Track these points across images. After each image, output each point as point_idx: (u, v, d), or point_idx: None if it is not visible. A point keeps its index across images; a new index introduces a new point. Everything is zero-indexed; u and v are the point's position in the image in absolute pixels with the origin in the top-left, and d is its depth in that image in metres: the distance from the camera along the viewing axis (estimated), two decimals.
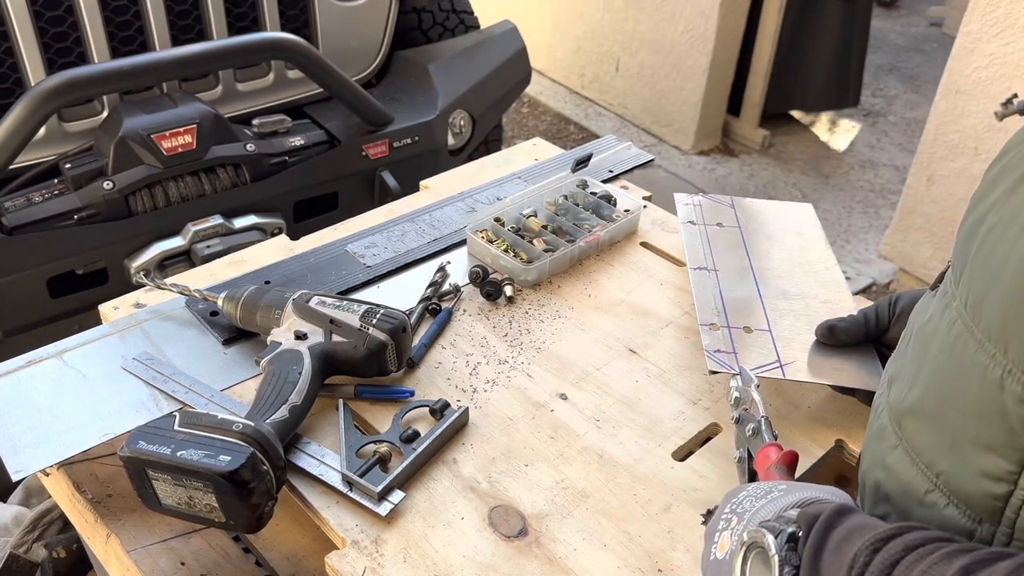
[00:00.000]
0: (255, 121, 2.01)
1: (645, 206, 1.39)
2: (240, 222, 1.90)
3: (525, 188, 1.43)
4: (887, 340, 1.04)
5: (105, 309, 1.16)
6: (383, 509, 0.89)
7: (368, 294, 1.21)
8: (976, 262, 0.61)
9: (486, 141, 2.57)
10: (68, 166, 1.79)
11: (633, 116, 3.99)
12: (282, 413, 0.92)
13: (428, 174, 1.51)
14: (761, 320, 1.10)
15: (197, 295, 1.12)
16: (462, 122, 2.32)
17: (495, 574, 0.84)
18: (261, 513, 0.85)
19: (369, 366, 1.01)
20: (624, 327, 1.17)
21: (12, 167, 1.76)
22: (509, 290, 1.20)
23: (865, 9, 3.78)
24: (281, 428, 0.91)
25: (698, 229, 1.28)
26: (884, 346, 1.05)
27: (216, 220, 1.86)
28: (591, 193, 1.39)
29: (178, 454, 0.83)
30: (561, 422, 1.02)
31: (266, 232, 1.93)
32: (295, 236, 1.32)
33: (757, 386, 0.89)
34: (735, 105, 3.82)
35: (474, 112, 2.34)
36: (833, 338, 1.05)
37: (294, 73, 2.15)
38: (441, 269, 1.23)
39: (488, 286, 1.21)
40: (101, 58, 1.90)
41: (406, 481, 0.93)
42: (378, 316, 1.01)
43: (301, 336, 1.02)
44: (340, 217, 1.39)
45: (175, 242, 1.84)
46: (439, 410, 0.99)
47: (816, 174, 3.71)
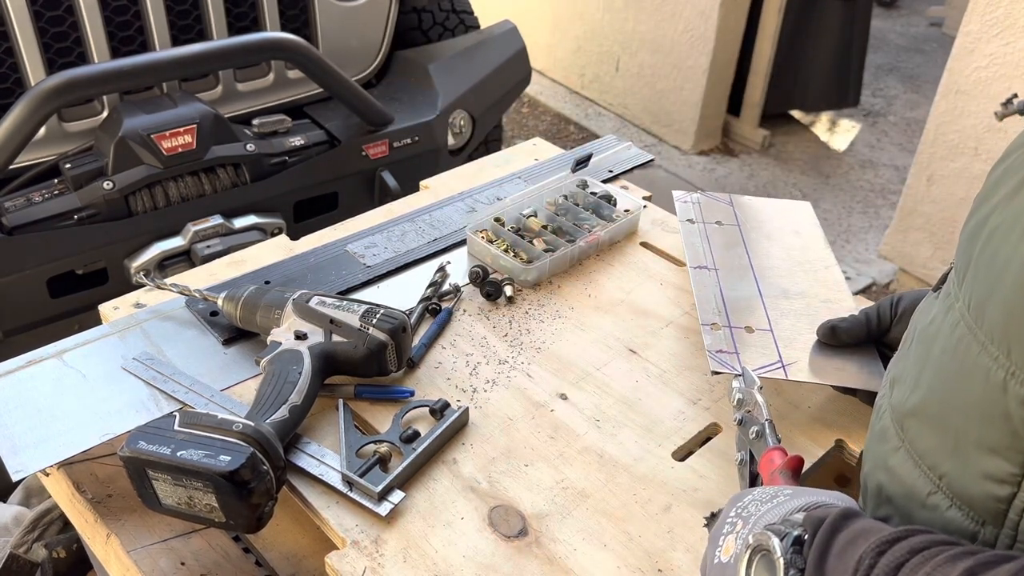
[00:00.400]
0: (255, 121, 2.01)
1: (645, 206, 1.39)
2: (240, 222, 1.90)
3: (525, 188, 1.43)
4: (888, 340, 1.04)
5: (105, 309, 1.16)
6: (383, 509, 0.89)
7: (368, 294, 1.21)
8: (979, 264, 0.60)
9: (486, 141, 2.57)
10: (68, 166, 1.79)
11: (633, 116, 3.99)
12: (282, 413, 0.92)
13: (428, 174, 1.51)
14: (762, 320, 1.10)
15: (197, 295, 1.12)
16: (462, 122, 2.32)
17: (495, 574, 0.84)
18: (261, 513, 0.85)
19: (369, 366, 1.01)
20: (624, 327, 1.17)
21: (12, 167, 1.76)
22: (509, 290, 1.20)
23: (865, 9, 3.78)
24: (281, 428, 0.91)
25: (697, 227, 1.28)
26: (885, 346, 1.05)
27: (216, 220, 1.86)
28: (591, 193, 1.39)
29: (178, 454, 0.83)
30: (561, 422, 1.02)
31: (266, 232, 1.93)
32: (295, 236, 1.32)
33: (760, 388, 0.89)
34: (735, 105, 3.82)
35: (474, 112, 2.34)
36: (835, 338, 1.05)
37: (294, 73, 2.15)
38: (441, 269, 1.23)
39: (488, 286, 1.21)
40: (101, 58, 1.90)
41: (406, 481, 0.93)
42: (378, 316, 1.01)
43: (301, 336, 1.02)
44: (340, 217, 1.39)
45: (175, 242, 1.84)
46: (439, 410, 0.99)
47: (816, 174, 3.71)
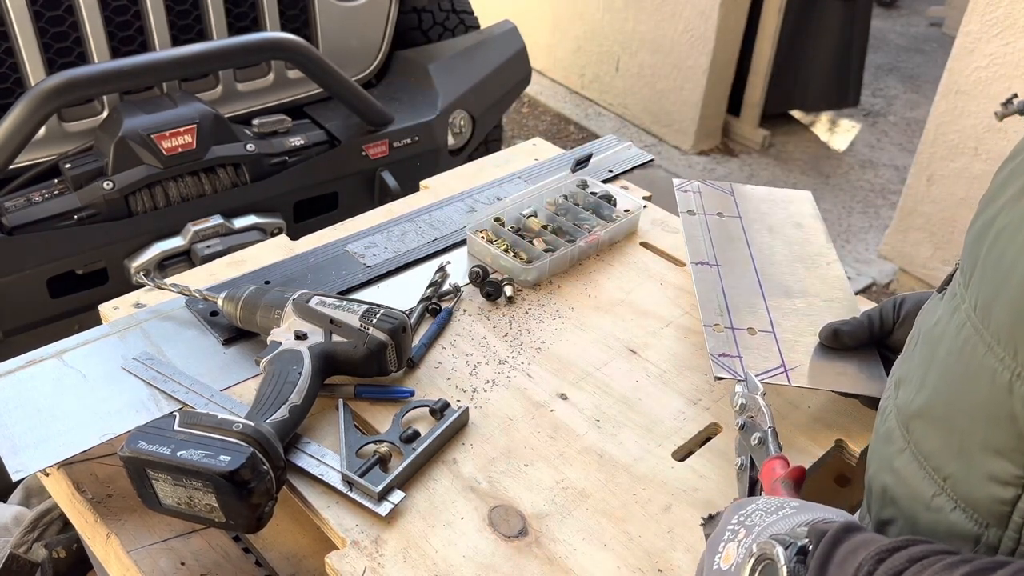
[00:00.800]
0: (255, 121, 2.01)
1: (645, 206, 1.39)
2: (240, 222, 1.90)
3: (525, 188, 1.43)
4: (891, 343, 1.03)
5: (105, 309, 1.16)
6: (383, 509, 0.89)
7: (368, 294, 1.21)
8: (986, 265, 0.60)
9: (486, 141, 2.57)
10: (68, 166, 1.79)
11: (633, 116, 3.99)
12: (282, 413, 0.92)
13: (428, 174, 1.51)
14: (764, 320, 1.09)
15: (197, 295, 1.12)
16: (462, 122, 2.32)
17: (495, 574, 0.84)
18: (261, 513, 0.85)
19: (369, 366, 1.01)
20: (624, 327, 1.17)
21: (12, 167, 1.76)
22: (509, 290, 1.20)
23: (865, 9, 3.78)
24: (281, 428, 0.91)
25: (698, 219, 1.27)
26: (887, 349, 1.04)
27: (216, 220, 1.86)
28: (591, 193, 1.39)
29: (178, 454, 0.83)
30: (561, 422, 1.02)
31: (266, 232, 1.93)
32: (295, 236, 1.32)
33: (763, 394, 0.88)
34: (735, 105, 3.82)
35: (474, 112, 2.34)
36: (837, 341, 1.04)
37: (294, 73, 2.15)
38: (441, 269, 1.23)
39: (488, 286, 1.21)
40: (101, 58, 1.90)
41: (406, 481, 0.93)
42: (378, 316, 1.01)
43: (301, 336, 1.02)
44: (340, 217, 1.39)
45: (175, 242, 1.84)
46: (439, 410, 0.99)
47: (816, 174, 3.71)
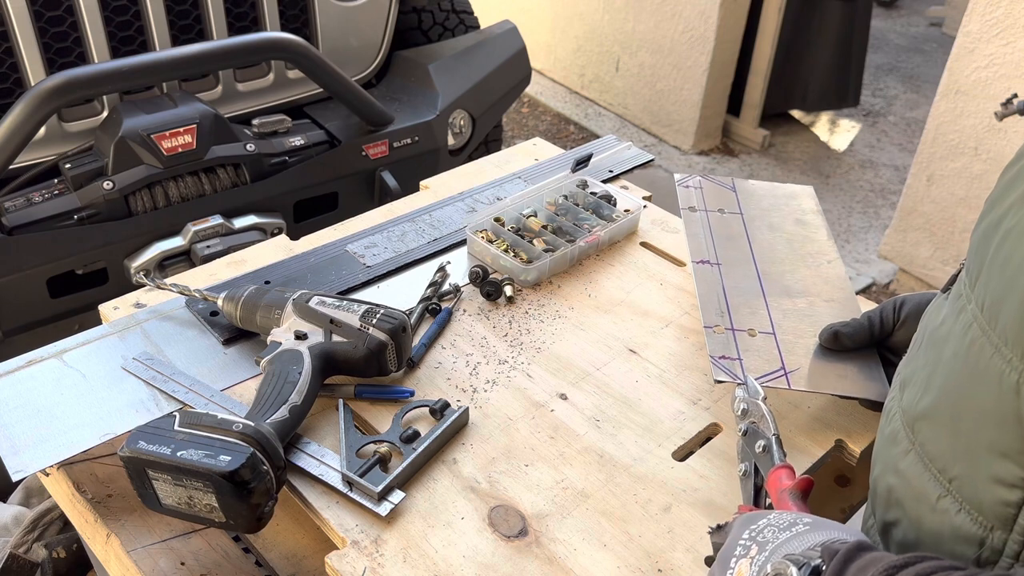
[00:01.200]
0: (255, 121, 2.01)
1: (645, 206, 1.39)
2: (240, 222, 1.90)
3: (525, 188, 1.43)
4: (891, 344, 1.03)
5: (105, 309, 1.16)
6: (383, 509, 0.89)
7: (368, 294, 1.21)
8: (993, 266, 0.60)
9: (486, 141, 2.58)
10: (68, 166, 1.79)
11: (633, 116, 3.99)
12: (282, 413, 0.92)
13: (428, 174, 1.51)
14: (765, 321, 1.09)
15: (197, 295, 1.12)
16: (462, 122, 2.32)
17: (495, 574, 0.84)
18: (261, 513, 0.85)
19: (369, 366, 1.01)
20: (624, 327, 1.17)
21: (12, 167, 1.76)
22: (509, 290, 1.20)
23: (865, 9, 3.78)
24: (281, 428, 0.91)
25: (699, 216, 1.26)
26: (888, 350, 1.04)
27: (216, 220, 1.86)
28: (591, 193, 1.39)
29: (178, 454, 0.83)
30: (561, 422, 1.02)
31: (266, 232, 1.93)
32: (295, 236, 1.32)
33: (764, 398, 0.87)
34: (735, 105, 3.82)
35: (474, 112, 2.34)
36: (838, 343, 1.04)
37: (294, 73, 2.15)
38: (441, 269, 1.23)
39: (488, 286, 1.21)
40: (101, 58, 1.90)
41: (406, 481, 0.93)
42: (378, 316, 1.01)
43: (301, 336, 1.02)
44: (340, 217, 1.39)
45: (175, 242, 1.84)
46: (439, 410, 0.99)
47: (816, 174, 3.71)
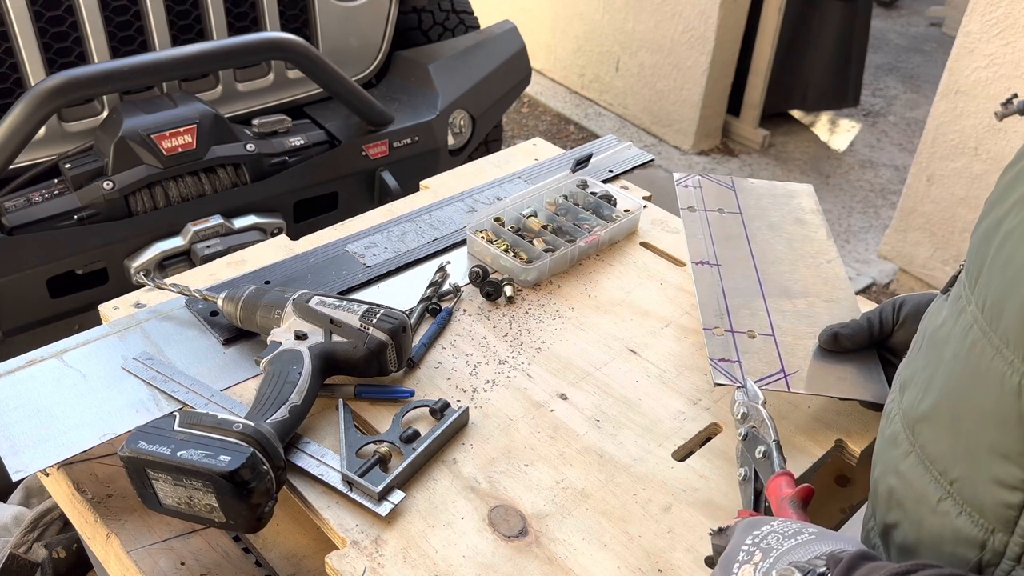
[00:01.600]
0: (255, 121, 2.01)
1: (645, 206, 1.39)
2: (240, 222, 1.90)
3: (525, 188, 1.43)
4: (891, 345, 1.03)
5: (105, 309, 1.16)
6: (383, 509, 0.89)
7: (368, 294, 1.21)
8: (994, 267, 0.60)
9: (486, 141, 2.58)
10: (68, 166, 1.79)
11: (633, 116, 3.99)
12: (282, 413, 0.92)
13: (428, 174, 1.51)
14: (764, 323, 1.09)
15: (197, 295, 1.12)
16: (462, 122, 2.32)
17: (495, 574, 0.84)
18: (261, 513, 0.85)
19: (369, 366, 1.01)
20: (624, 327, 1.17)
21: (12, 167, 1.76)
22: (509, 290, 1.20)
23: (865, 9, 3.78)
24: (281, 428, 0.91)
25: (698, 216, 1.26)
26: (888, 351, 1.04)
27: (216, 220, 1.86)
28: (591, 193, 1.39)
29: (178, 454, 0.83)
30: (561, 422, 1.02)
31: (266, 232, 1.93)
32: (295, 236, 1.32)
33: (764, 403, 0.87)
34: (735, 105, 3.82)
35: (474, 112, 2.34)
36: (837, 345, 1.03)
37: (294, 73, 2.15)
38: (441, 269, 1.23)
39: (488, 286, 1.21)
40: (101, 58, 1.90)
41: (406, 481, 0.93)
42: (378, 316, 1.01)
43: (301, 336, 1.02)
44: (340, 217, 1.39)
45: (175, 242, 1.84)
46: (439, 410, 0.99)
47: (816, 174, 3.71)
